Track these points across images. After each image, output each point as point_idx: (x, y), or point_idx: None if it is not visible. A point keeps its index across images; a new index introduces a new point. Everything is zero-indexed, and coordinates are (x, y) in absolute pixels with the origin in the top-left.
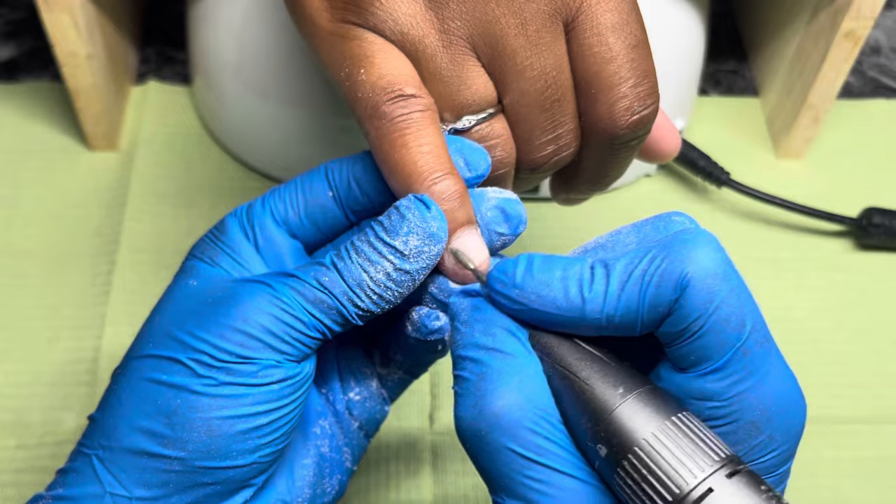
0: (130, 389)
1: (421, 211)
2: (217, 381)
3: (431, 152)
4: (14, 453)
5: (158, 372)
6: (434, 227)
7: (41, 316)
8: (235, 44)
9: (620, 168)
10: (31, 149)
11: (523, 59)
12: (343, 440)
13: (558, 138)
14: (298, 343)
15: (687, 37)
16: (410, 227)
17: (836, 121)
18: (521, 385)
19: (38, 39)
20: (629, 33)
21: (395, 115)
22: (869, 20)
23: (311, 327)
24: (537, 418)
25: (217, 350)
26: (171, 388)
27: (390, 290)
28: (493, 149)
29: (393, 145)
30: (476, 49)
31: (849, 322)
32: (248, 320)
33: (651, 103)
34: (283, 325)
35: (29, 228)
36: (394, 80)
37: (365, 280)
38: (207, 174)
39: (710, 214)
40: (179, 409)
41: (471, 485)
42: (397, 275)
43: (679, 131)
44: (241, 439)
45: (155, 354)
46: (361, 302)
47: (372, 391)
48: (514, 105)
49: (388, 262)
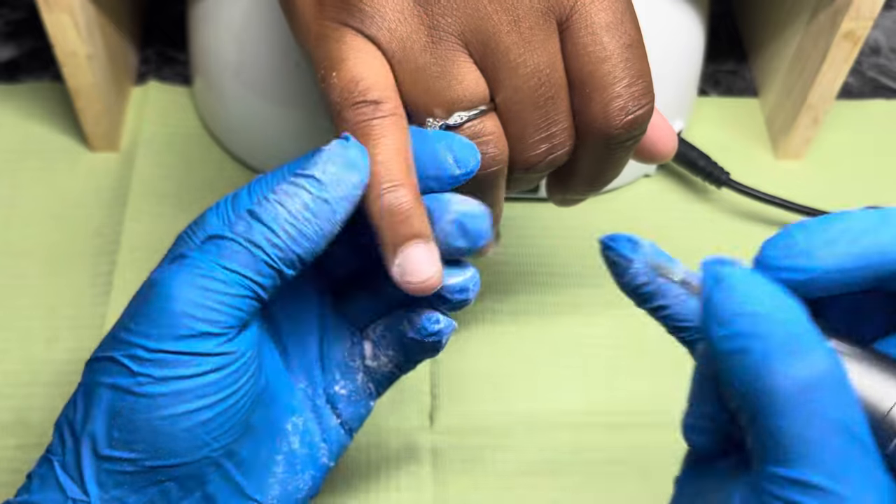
0: (83, 394)
1: (339, 142)
2: (152, 378)
3: (384, 162)
4: (13, 453)
5: (102, 374)
6: (353, 155)
7: (41, 316)
8: (235, 44)
9: (616, 168)
10: (32, 149)
11: (516, 55)
12: (319, 436)
13: (552, 137)
14: (229, 308)
15: (686, 37)
16: (329, 157)
17: (835, 121)
18: (828, 352)
19: (38, 40)
20: (623, 32)
21: (355, 122)
22: (868, 20)
23: (234, 284)
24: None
25: (147, 339)
26: (112, 390)
27: (310, 224)
28: (484, 146)
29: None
30: (468, 46)
31: None
32: (171, 297)
33: (646, 103)
34: (206, 293)
35: (29, 228)
36: (360, 85)
37: (281, 214)
38: (208, 174)
39: (709, 215)
40: (123, 411)
41: (471, 485)
42: (316, 205)
43: (678, 132)
44: (187, 436)
45: (99, 356)
46: (279, 240)
47: (357, 385)
48: (507, 102)
49: (305, 192)
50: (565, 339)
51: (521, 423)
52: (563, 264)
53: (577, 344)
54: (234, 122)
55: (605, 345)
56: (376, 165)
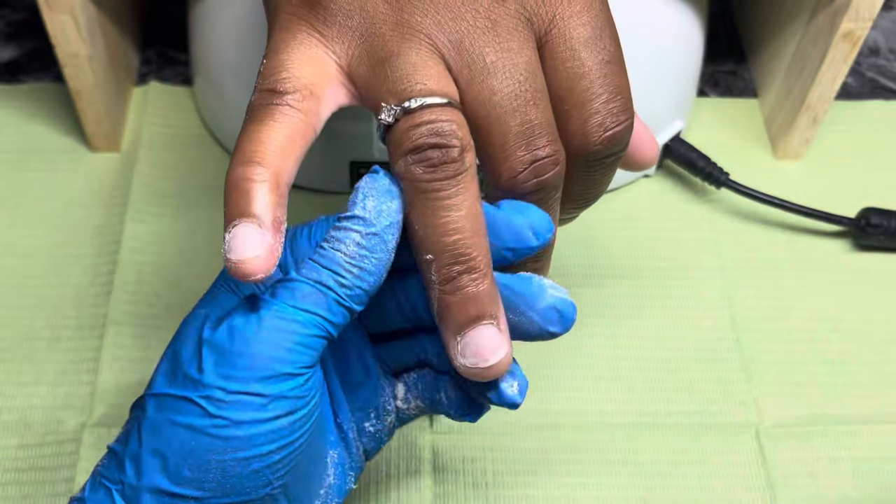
0: (150, 428)
1: (371, 175)
2: (229, 422)
3: (262, 143)
4: (15, 452)
5: (174, 412)
6: (385, 184)
7: (42, 316)
8: (235, 44)
9: (600, 186)
10: (33, 149)
11: (494, 57)
12: (349, 464)
13: (533, 144)
14: (304, 347)
15: (685, 38)
16: (364, 192)
17: (834, 122)
18: None
19: (39, 40)
20: (602, 48)
21: (255, 105)
22: (867, 21)
23: (310, 325)
24: None
25: (226, 380)
26: (187, 430)
27: (367, 259)
28: (447, 136)
29: (242, 131)
30: (440, 48)
31: (847, 322)
32: (252, 339)
33: (624, 119)
34: (284, 334)
35: (30, 229)
36: (280, 75)
37: (340, 258)
38: (209, 174)
39: (708, 215)
40: (195, 451)
41: (471, 484)
42: (367, 241)
43: (678, 133)
44: (255, 476)
45: (170, 393)
46: (346, 279)
47: (387, 425)
48: (486, 105)
49: (355, 232)
50: (565, 339)
51: (521, 423)
52: (563, 265)
53: (576, 344)
54: (235, 122)
55: (604, 345)
56: (248, 143)
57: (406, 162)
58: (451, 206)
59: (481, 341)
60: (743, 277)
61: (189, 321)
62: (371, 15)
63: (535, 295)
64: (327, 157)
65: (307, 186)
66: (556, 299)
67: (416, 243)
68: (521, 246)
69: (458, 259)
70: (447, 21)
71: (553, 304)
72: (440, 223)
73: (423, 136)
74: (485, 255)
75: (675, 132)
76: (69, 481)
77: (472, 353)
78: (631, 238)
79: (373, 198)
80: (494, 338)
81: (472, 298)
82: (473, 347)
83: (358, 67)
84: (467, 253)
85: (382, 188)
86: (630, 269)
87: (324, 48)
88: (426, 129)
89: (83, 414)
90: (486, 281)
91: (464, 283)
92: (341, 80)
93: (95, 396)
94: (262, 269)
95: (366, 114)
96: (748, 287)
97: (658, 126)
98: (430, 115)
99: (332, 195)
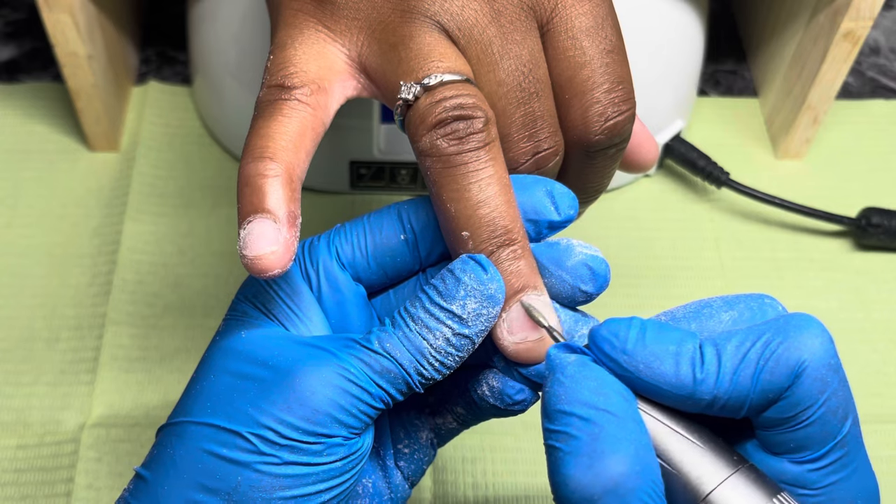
0: (187, 457)
1: (477, 273)
2: (280, 461)
3: (272, 138)
4: (14, 453)
5: (218, 444)
6: (492, 290)
7: (41, 315)
8: (235, 44)
9: (602, 180)
10: (32, 149)
11: (499, 48)
12: (388, 495)
13: (536, 135)
14: (363, 415)
15: (686, 37)
16: (467, 291)
17: (834, 121)
18: (638, 454)
19: (38, 40)
20: (604, 38)
21: (263, 100)
22: (868, 21)
23: (377, 398)
24: (651, 491)
25: (283, 426)
26: (232, 464)
27: (451, 356)
28: (471, 108)
29: (251, 128)
30: (449, 33)
31: (848, 322)
32: (316, 393)
33: (626, 109)
34: (351, 398)
35: (29, 228)
36: (287, 70)
37: (426, 348)
38: (208, 174)
39: (709, 214)
40: (240, 486)
41: (470, 484)
42: (457, 340)
43: (678, 132)
44: None
45: (215, 424)
46: (426, 371)
47: (421, 442)
48: (491, 98)
49: (447, 328)
50: None
51: (521, 423)
52: None
53: None
54: (234, 121)
55: None
56: (257, 138)
57: (431, 137)
58: (481, 178)
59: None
60: (743, 277)
61: (226, 339)
62: (378, 6)
63: (564, 252)
64: (327, 157)
65: (307, 186)
66: (587, 256)
67: (450, 221)
68: (541, 219)
69: (496, 232)
70: (455, 9)
71: (584, 261)
72: (472, 196)
73: (448, 110)
74: (520, 226)
75: (675, 132)
76: (68, 481)
77: (519, 328)
78: (631, 238)
79: (475, 300)
80: (543, 309)
81: (515, 273)
82: (521, 322)
83: (369, 57)
84: (504, 225)
85: (488, 294)
86: (630, 268)
87: (332, 42)
88: (450, 104)
89: (82, 414)
90: (526, 252)
91: (505, 257)
92: (351, 73)
93: (94, 397)
94: (279, 264)
95: (366, 113)
96: (748, 286)
97: (658, 125)
98: (451, 90)
99: (332, 195)
